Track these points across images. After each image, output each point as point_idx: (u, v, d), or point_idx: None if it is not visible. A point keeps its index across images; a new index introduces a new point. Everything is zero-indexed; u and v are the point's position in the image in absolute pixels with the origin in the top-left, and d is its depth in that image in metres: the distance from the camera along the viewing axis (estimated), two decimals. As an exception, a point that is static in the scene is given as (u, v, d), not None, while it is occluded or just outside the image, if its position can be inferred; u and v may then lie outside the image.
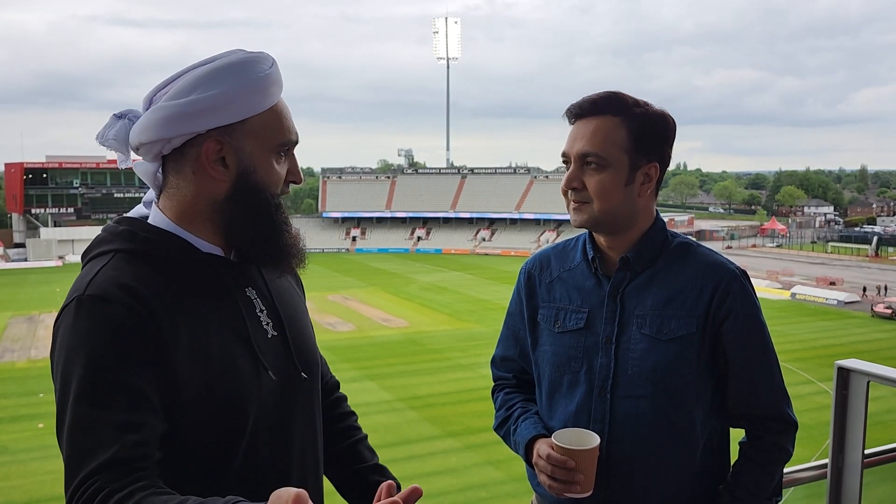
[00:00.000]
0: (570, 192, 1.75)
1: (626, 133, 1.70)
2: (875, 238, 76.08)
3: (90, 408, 1.17)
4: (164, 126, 1.30)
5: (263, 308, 1.42)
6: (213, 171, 1.33)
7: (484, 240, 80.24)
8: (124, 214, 1.43)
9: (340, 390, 1.75)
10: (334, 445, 1.62)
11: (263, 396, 1.34)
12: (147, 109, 1.34)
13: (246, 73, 1.32)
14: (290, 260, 1.41)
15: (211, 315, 1.32)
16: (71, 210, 74.83)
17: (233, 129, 1.32)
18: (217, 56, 1.36)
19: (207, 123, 1.30)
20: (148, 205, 1.42)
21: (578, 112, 1.73)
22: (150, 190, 1.43)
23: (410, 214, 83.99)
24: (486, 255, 75.16)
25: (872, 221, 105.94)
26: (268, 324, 1.41)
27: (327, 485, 1.57)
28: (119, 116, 1.39)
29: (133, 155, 1.40)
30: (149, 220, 1.38)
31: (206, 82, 1.31)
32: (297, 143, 1.41)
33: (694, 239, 1.88)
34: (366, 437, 1.69)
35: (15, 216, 75.66)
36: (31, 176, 73.76)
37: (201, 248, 1.36)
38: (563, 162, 1.76)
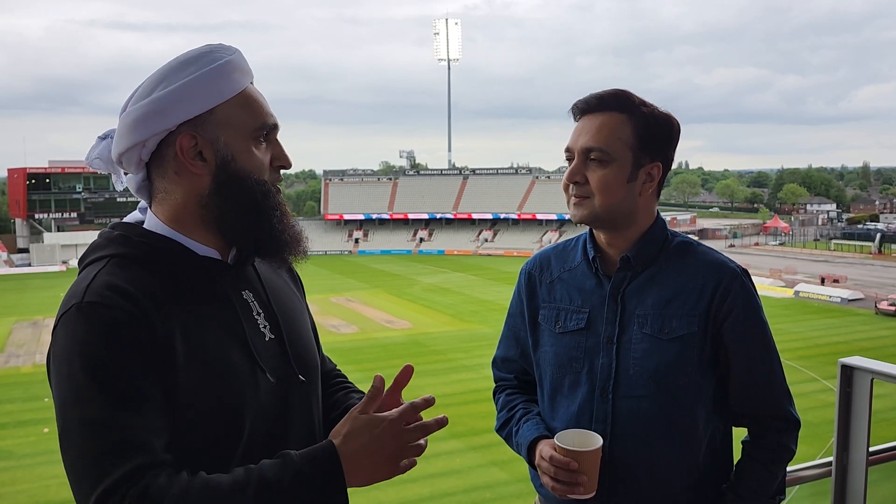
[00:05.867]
0: (571, 186, 1.74)
1: (631, 130, 1.70)
2: (878, 235, 75.84)
3: (102, 414, 1.17)
4: (135, 129, 1.31)
5: (260, 311, 1.41)
6: (192, 166, 1.32)
7: (486, 240, 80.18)
8: (119, 220, 1.42)
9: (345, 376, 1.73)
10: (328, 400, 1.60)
11: (261, 399, 1.34)
12: None
13: (204, 63, 1.32)
14: (287, 248, 1.39)
15: (208, 318, 1.31)
16: (74, 215, 74.88)
17: (203, 120, 1.32)
18: (180, 55, 1.37)
19: (175, 118, 1.30)
20: (144, 210, 1.41)
21: (584, 107, 1.74)
22: None
23: (413, 216, 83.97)
24: (489, 255, 75.09)
25: (875, 219, 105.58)
26: (265, 326, 1.40)
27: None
28: (102, 137, 1.41)
29: (125, 176, 1.41)
30: (144, 225, 1.38)
31: (165, 78, 1.32)
32: (275, 127, 1.40)
33: (695, 238, 1.88)
34: (351, 388, 1.67)
35: (18, 221, 75.78)
36: (33, 181, 73.82)
37: (197, 252, 1.36)
38: (567, 158, 1.76)
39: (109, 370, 1.19)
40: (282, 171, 1.42)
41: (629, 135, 1.70)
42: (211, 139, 1.32)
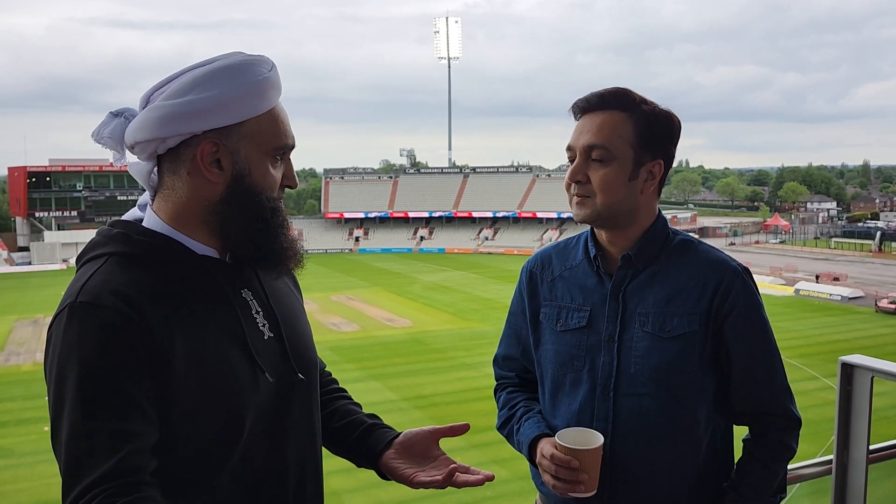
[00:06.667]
0: (573, 185, 1.74)
1: (632, 128, 1.70)
2: (878, 233, 75.84)
3: (85, 417, 1.16)
4: (160, 125, 1.29)
5: (259, 309, 1.40)
6: (207, 172, 1.31)
7: (487, 239, 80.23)
8: (118, 217, 1.41)
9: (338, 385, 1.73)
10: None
11: (260, 399, 1.33)
12: (144, 108, 1.33)
13: (244, 76, 1.31)
14: (286, 262, 1.40)
15: (207, 318, 1.31)
16: (74, 213, 74.94)
17: (229, 131, 1.31)
18: (216, 58, 1.35)
19: (203, 124, 1.29)
20: (143, 208, 1.40)
21: (585, 106, 1.74)
22: (146, 193, 1.42)
23: (413, 214, 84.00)
24: (489, 253, 75.13)
25: (875, 217, 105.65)
26: (264, 325, 1.39)
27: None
28: (115, 114, 1.38)
29: (129, 155, 1.39)
30: (143, 223, 1.36)
31: (203, 83, 1.30)
32: (293, 147, 1.41)
33: (696, 236, 1.88)
34: (350, 399, 1.68)
35: (19, 220, 75.87)
36: (34, 179, 73.91)
37: (196, 251, 1.35)
38: (569, 158, 1.76)
39: (97, 374, 1.18)
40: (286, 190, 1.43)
41: (630, 133, 1.70)
42: (232, 150, 1.32)
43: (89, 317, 1.20)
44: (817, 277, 51.64)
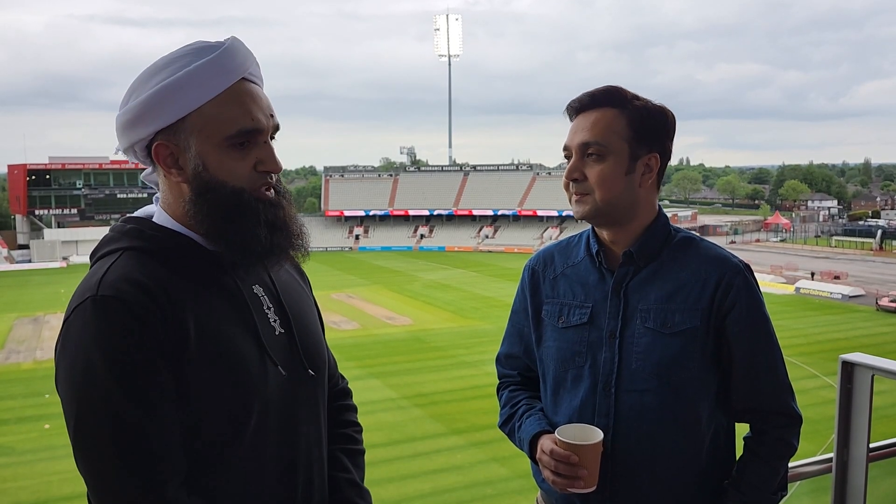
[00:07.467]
0: (571, 184, 1.76)
1: (626, 123, 1.71)
2: (879, 232, 75.84)
3: (129, 410, 1.19)
4: (120, 136, 1.34)
5: (271, 305, 1.42)
6: (169, 174, 1.33)
7: (487, 237, 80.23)
8: (131, 214, 1.43)
9: (351, 399, 1.70)
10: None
11: (271, 392, 1.35)
12: None
13: (172, 70, 1.29)
14: (270, 255, 1.36)
15: (219, 312, 1.32)
16: (74, 211, 74.96)
17: (176, 128, 1.30)
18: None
19: (147, 128, 1.30)
20: (157, 202, 1.43)
21: (578, 107, 1.75)
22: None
23: (413, 212, 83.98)
24: (490, 252, 75.15)
25: (876, 215, 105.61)
26: (275, 321, 1.41)
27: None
28: None
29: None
30: (154, 219, 1.38)
31: (137, 88, 1.31)
32: (256, 130, 1.32)
33: (697, 233, 1.88)
34: (361, 450, 1.63)
35: (19, 218, 75.87)
36: (34, 177, 73.92)
37: (207, 247, 1.36)
38: (565, 157, 1.77)
39: (132, 365, 1.20)
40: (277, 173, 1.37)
41: (624, 127, 1.71)
42: (183, 147, 1.31)
43: (113, 308, 1.21)
44: (813, 275, 51.71)
